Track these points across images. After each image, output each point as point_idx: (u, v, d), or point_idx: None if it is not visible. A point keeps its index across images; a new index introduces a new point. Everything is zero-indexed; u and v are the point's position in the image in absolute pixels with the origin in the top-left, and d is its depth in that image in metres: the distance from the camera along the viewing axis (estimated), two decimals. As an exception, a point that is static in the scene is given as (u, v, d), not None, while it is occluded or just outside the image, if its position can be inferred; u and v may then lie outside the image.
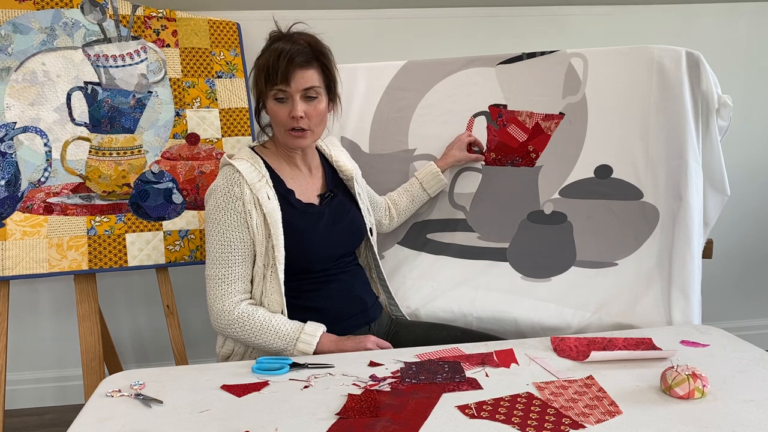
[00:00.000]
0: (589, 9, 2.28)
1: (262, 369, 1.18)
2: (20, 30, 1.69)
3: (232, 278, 1.31)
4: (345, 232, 1.43)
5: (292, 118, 1.30)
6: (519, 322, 1.59)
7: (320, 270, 1.39)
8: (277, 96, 1.30)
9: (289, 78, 1.27)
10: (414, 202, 1.71)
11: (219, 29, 1.91)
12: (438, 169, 1.68)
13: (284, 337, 1.29)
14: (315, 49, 1.31)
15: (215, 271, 1.32)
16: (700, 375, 1.03)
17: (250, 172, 1.32)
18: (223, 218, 1.31)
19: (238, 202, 1.30)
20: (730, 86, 1.73)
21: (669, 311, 1.51)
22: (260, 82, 1.31)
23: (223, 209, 1.31)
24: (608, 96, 1.65)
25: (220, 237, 1.31)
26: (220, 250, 1.31)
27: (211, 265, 1.33)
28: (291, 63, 1.26)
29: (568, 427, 0.94)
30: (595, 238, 1.65)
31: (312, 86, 1.30)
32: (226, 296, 1.31)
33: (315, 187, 1.44)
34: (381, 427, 0.95)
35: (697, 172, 1.56)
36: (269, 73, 1.28)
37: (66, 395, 2.27)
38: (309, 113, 1.31)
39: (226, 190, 1.31)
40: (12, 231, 1.64)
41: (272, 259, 1.32)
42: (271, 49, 1.30)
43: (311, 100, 1.31)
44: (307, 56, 1.29)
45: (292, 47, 1.27)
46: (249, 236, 1.32)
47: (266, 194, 1.31)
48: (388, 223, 1.70)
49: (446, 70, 1.79)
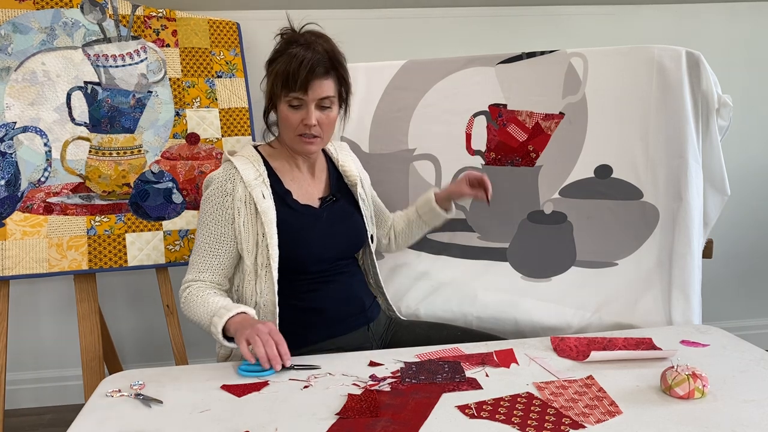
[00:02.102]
0: (589, 9, 2.28)
1: (248, 370, 1.18)
2: (20, 30, 1.69)
3: (203, 267, 1.34)
4: (344, 237, 1.43)
5: (304, 125, 1.31)
6: (519, 322, 1.59)
7: (317, 271, 1.39)
8: (292, 103, 1.31)
9: (308, 88, 1.28)
10: (410, 227, 1.63)
11: (219, 29, 1.91)
12: (433, 196, 1.57)
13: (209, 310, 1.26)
14: (333, 59, 1.31)
15: (193, 259, 1.37)
16: (700, 375, 1.03)
17: (247, 169, 1.34)
18: (210, 210, 1.34)
19: (227, 198, 1.33)
20: (730, 86, 1.73)
21: (669, 311, 1.51)
22: (276, 86, 1.31)
23: (212, 202, 1.34)
24: (608, 96, 1.65)
25: (203, 227, 1.35)
26: (201, 239, 1.35)
27: (192, 253, 1.38)
28: (311, 73, 1.27)
29: (568, 427, 0.94)
30: (595, 238, 1.65)
31: (327, 96, 1.31)
32: (188, 281, 1.35)
33: (316, 189, 1.45)
34: (381, 427, 0.95)
35: (697, 172, 1.56)
36: (287, 80, 1.28)
37: (66, 395, 2.27)
38: (321, 121, 1.32)
39: (219, 184, 1.34)
40: (12, 231, 1.64)
41: (266, 258, 1.32)
42: (290, 54, 1.28)
43: (325, 108, 1.33)
44: (326, 66, 1.29)
45: (313, 56, 1.27)
46: (232, 233, 1.33)
47: (261, 193, 1.32)
48: (387, 243, 1.66)
49: (446, 69, 1.79)
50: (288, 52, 1.29)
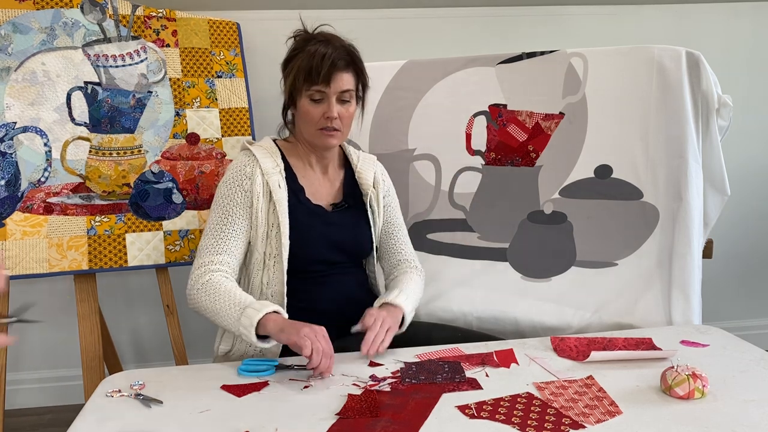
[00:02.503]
0: (589, 9, 2.28)
1: (248, 370, 1.18)
2: (20, 30, 1.68)
3: (220, 249, 1.33)
4: (349, 245, 1.44)
5: (326, 118, 1.33)
6: (519, 322, 1.59)
7: (317, 271, 1.40)
8: (314, 97, 1.33)
9: (330, 80, 1.31)
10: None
11: (219, 29, 1.91)
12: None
13: (235, 305, 1.23)
14: (352, 54, 1.36)
15: (206, 242, 1.34)
16: (700, 375, 1.03)
17: (265, 158, 1.37)
18: (229, 192, 1.35)
19: (247, 181, 1.35)
20: (731, 86, 1.73)
21: (669, 311, 1.51)
22: (298, 81, 1.33)
23: (232, 184, 1.36)
24: (608, 96, 1.65)
25: (221, 209, 1.35)
26: (218, 221, 1.34)
27: (205, 236, 1.36)
28: (333, 66, 1.30)
29: (568, 427, 0.94)
30: (595, 238, 1.65)
31: (348, 89, 1.35)
32: (206, 264, 1.31)
33: (328, 191, 1.45)
34: (381, 427, 0.95)
35: (697, 172, 1.56)
36: (310, 74, 1.30)
37: (66, 395, 2.26)
38: (342, 115, 1.35)
39: (238, 168, 1.36)
40: (12, 231, 1.64)
41: (275, 248, 1.33)
42: (309, 50, 1.31)
43: (344, 102, 1.35)
44: (346, 60, 1.33)
45: (333, 51, 1.31)
46: (249, 217, 1.35)
47: (278, 183, 1.35)
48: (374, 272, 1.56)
49: (446, 69, 1.79)
50: (307, 49, 1.32)
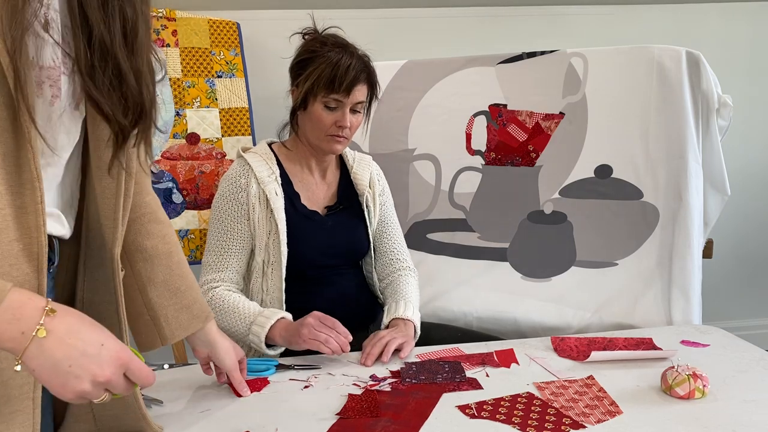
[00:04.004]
0: (589, 9, 2.28)
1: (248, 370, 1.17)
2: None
3: (222, 266, 1.35)
4: (345, 247, 1.44)
5: (338, 126, 1.35)
6: (519, 322, 1.59)
7: (315, 275, 1.40)
8: (329, 104, 1.33)
9: (351, 91, 1.32)
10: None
11: (219, 29, 1.91)
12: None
13: (244, 317, 1.27)
14: (369, 67, 1.37)
15: (208, 259, 1.36)
16: (700, 375, 1.03)
17: (260, 166, 1.36)
18: (225, 207, 1.35)
19: (242, 193, 1.34)
20: (730, 86, 1.73)
21: (669, 311, 1.51)
22: (316, 86, 1.32)
23: (227, 198, 1.35)
24: (608, 96, 1.65)
25: (218, 225, 1.36)
26: (218, 237, 1.36)
27: (206, 253, 1.38)
28: (356, 78, 1.32)
29: (568, 427, 0.94)
30: (595, 238, 1.65)
31: (362, 101, 1.37)
32: (209, 282, 1.34)
33: (324, 195, 1.45)
34: (381, 427, 0.95)
35: (697, 172, 1.56)
36: (333, 82, 1.30)
37: (66, 395, 2.26)
38: (352, 124, 1.37)
39: (233, 180, 1.36)
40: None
41: (273, 256, 1.33)
42: (331, 58, 1.30)
43: (356, 113, 1.37)
44: (366, 73, 1.35)
45: (356, 62, 1.32)
46: (248, 229, 1.35)
47: (274, 190, 1.35)
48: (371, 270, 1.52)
49: (446, 69, 1.79)
50: (327, 55, 1.31)
